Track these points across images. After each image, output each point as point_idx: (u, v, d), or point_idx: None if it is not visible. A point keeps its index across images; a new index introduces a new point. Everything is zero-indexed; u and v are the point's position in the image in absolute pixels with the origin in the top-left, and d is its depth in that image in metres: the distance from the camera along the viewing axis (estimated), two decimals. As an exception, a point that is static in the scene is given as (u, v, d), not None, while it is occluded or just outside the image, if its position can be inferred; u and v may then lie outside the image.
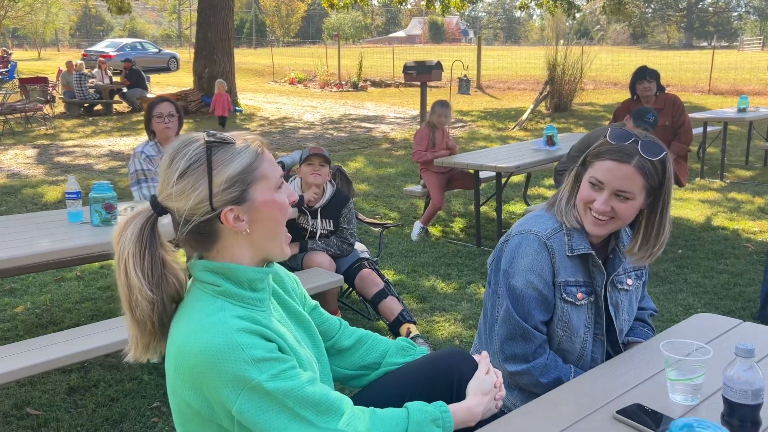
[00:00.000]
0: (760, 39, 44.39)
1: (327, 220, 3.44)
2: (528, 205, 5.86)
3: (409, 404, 1.25)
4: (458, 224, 5.46)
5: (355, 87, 19.04)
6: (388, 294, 3.28)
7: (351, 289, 3.52)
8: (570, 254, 1.60)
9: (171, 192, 1.16)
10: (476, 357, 1.43)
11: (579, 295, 1.62)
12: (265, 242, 1.23)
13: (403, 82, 19.10)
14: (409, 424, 1.21)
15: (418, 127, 10.78)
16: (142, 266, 1.15)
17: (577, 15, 16.34)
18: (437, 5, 15.45)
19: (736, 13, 52.96)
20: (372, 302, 3.28)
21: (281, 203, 1.23)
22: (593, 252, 1.61)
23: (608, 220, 1.56)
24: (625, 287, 1.71)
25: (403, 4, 17.00)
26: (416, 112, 13.65)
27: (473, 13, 75.83)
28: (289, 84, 20.74)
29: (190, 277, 1.25)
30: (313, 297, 1.59)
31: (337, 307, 3.44)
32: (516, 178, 6.62)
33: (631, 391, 1.38)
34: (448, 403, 1.29)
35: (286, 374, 1.12)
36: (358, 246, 3.59)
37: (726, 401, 1.20)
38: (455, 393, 1.35)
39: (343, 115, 13.68)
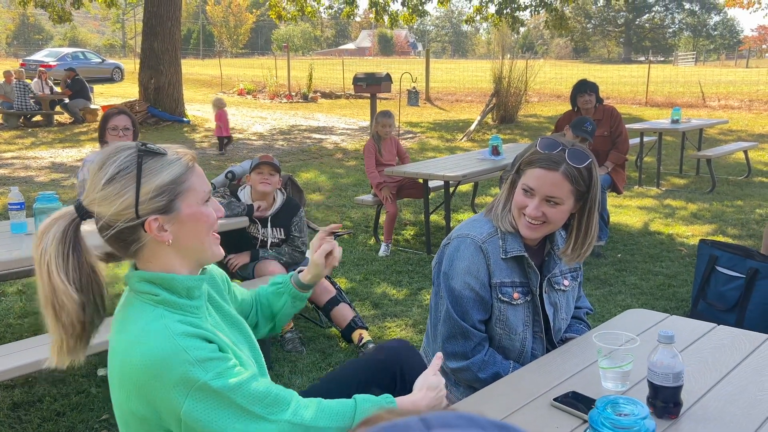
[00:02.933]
0: (693, 54, 46.76)
1: (278, 229, 3.46)
2: (475, 213, 6.01)
3: (357, 395, 1.31)
4: (408, 233, 5.56)
5: (305, 98, 19.04)
6: (340, 301, 3.32)
7: (303, 297, 3.55)
8: (504, 257, 1.69)
9: (96, 197, 1.17)
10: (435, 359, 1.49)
11: (515, 295, 1.71)
12: (191, 250, 1.25)
13: (353, 93, 19.23)
14: (356, 413, 1.25)
15: (369, 138, 10.89)
16: (66, 268, 1.15)
17: (522, 29, 16.86)
18: (386, 18, 15.67)
19: (671, 30, 55.54)
20: (324, 309, 3.32)
21: (207, 215, 1.24)
22: (526, 254, 1.70)
23: (540, 224, 1.65)
24: (563, 288, 1.81)
25: (352, 16, 17.16)
26: (366, 123, 13.76)
27: (421, 26, 76.99)
28: (238, 95, 20.54)
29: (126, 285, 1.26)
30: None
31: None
32: (464, 188, 6.78)
33: (567, 381, 1.47)
34: (392, 391, 1.35)
35: (230, 372, 1.16)
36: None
37: (650, 385, 1.30)
38: (399, 382, 1.42)
39: (293, 126, 13.66)
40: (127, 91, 19.33)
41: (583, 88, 5.06)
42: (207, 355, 1.14)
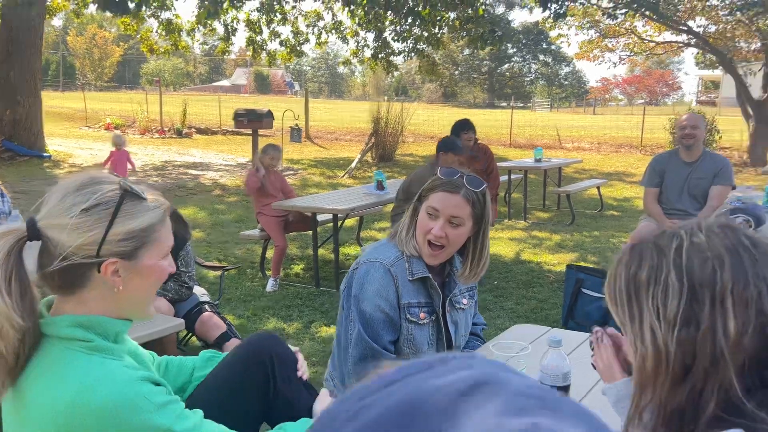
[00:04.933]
0: (548, 101, 51.36)
1: (165, 264, 3.34)
2: (361, 246, 6.14)
3: (284, 425, 1.36)
4: (296, 267, 5.55)
5: (179, 134, 18.45)
6: (231, 336, 3.26)
7: (190, 335, 3.43)
8: (411, 278, 1.80)
9: (66, 222, 1.09)
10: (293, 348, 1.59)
11: (421, 315, 1.82)
12: (132, 303, 1.19)
13: (230, 129, 18.95)
14: None
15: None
16: (9, 289, 1.05)
17: (396, 73, 17.63)
18: (264, 56, 15.72)
19: (528, 79, 60.58)
20: (216, 345, 3.23)
21: (163, 271, 1.21)
22: (430, 275, 1.82)
23: (441, 249, 1.78)
24: (462, 306, 1.95)
25: (227, 53, 17.03)
26: (245, 159, 13.59)
27: (298, 66, 77.82)
28: (105, 130, 19.46)
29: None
30: (151, 344, 1.59)
31: (177, 353, 3.33)
32: (348, 222, 6.91)
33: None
34: (267, 385, 1.46)
35: (186, 413, 1.15)
36: (198, 290, 3.53)
37: (544, 386, 1.45)
38: (271, 375, 1.48)
39: (167, 162, 13.18)
40: (-25, 122, 17.61)
41: (466, 126, 5.43)
42: (165, 399, 1.12)
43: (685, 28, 13.63)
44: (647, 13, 12.48)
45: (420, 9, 12.26)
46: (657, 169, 4.49)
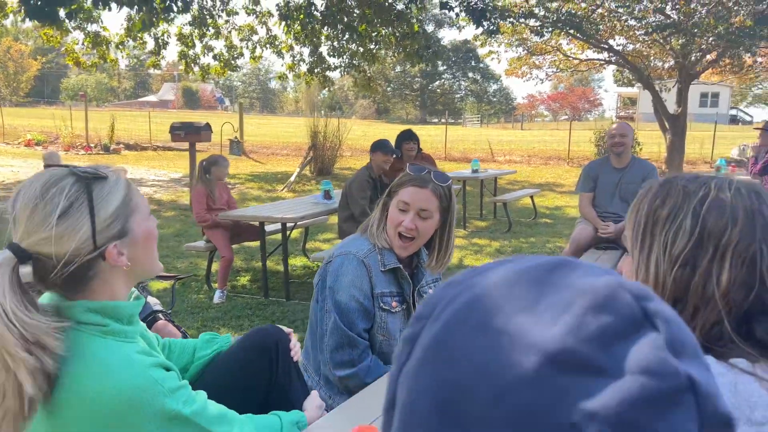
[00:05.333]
0: (478, 117, 52.91)
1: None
2: (308, 257, 6.15)
3: (278, 413, 1.42)
4: (242, 279, 5.50)
5: (107, 150, 17.83)
6: (186, 345, 3.21)
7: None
8: (383, 269, 1.88)
9: (49, 235, 1.07)
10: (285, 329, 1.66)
11: (393, 303, 1.90)
12: (142, 269, 1.22)
13: (161, 144, 18.49)
14: (283, 426, 1.37)
15: (185, 189, 10.54)
16: (24, 329, 1.00)
17: (331, 88, 17.72)
18: (196, 70, 15.46)
19: (458, 95, 62.16)
20: (170, 355, 3.18)
21: (154, 229, 1.23)
22: (401, 266, 1.91)
23: (411, 241, 1.87)
24: (428, 296, 2.03)
25: (158, 67, 16.65)
26: (178, 174, 13.31)
27: (228, 81, 76.74)
28: (25, 146, 18.58)
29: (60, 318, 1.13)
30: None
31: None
32: (292, 235, 6.90)
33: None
34: (269, 372, 1.53)
35: (192, 397, 1.18)
36: (151, 299, 3.45)
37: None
38: (275, 363, 1.54)
39: (97, 179, 12.70)
40: None
41: (409, 137, 5.58)
42: (176, 384, 1.14)
43: (606, 47, 14.44)
44: (571, 31, 13.16)
45: (356, 25, 12.44)
46: (590, 175, 4.77)
